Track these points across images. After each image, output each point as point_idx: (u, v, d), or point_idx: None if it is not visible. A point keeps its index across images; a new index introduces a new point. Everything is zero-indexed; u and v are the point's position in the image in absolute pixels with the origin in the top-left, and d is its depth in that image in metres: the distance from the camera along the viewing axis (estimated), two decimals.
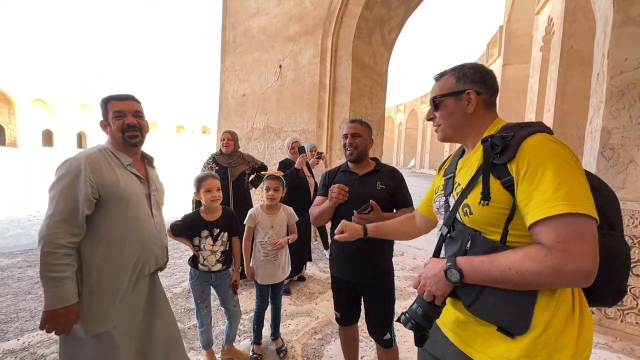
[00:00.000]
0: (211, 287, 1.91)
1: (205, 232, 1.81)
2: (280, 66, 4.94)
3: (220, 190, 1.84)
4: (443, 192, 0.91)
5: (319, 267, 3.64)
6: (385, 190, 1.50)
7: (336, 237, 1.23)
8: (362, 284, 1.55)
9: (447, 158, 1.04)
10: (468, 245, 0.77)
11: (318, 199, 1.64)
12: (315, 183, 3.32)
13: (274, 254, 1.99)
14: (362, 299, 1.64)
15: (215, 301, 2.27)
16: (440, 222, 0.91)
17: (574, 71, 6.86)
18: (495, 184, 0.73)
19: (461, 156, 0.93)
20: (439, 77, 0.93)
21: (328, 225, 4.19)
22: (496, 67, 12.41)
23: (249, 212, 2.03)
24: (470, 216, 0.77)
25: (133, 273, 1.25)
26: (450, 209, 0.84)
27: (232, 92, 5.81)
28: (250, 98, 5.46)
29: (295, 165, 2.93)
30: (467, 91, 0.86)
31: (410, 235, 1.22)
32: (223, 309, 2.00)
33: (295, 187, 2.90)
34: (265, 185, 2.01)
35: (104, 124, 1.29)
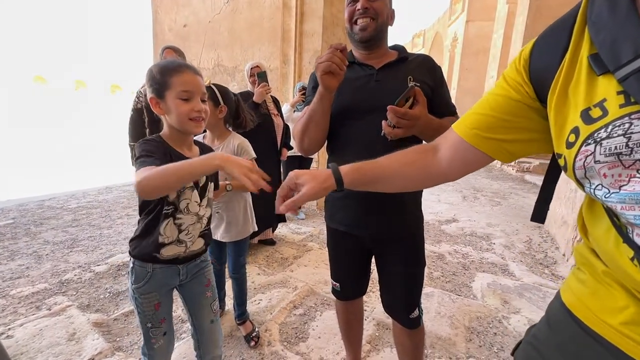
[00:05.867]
0: (175, 290, 1.02)
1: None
2: None
3: (207, 103, 0.93)
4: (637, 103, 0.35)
5: (290, 228, 3.08)
6: (420, 88, 0.92)
7: (283, 206, 0.60)
8: (379, 239, 1.00)
9: (555, 27, 0.46)
10: None
11: (304, 110, 1.01)
12: (286, 126, 2.63)
13: (215, 205, 1.38)
14: (371, 262, 1.13)
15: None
16: (635, 184, 0.36)
17: (541, 24, 6.74)
18: None
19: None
20: None
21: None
22: (460, 24, 12.16)
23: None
24: None
25: None
26: None
27: (169, 22, 4.58)
28: (194, 29, 4.33)
29: (254, 98, 2.19)
30: None
31: (423, 181, 0.64)
32: (191, 326, 1.06)
33: (255, 127, 2.18)
34: None
35: None
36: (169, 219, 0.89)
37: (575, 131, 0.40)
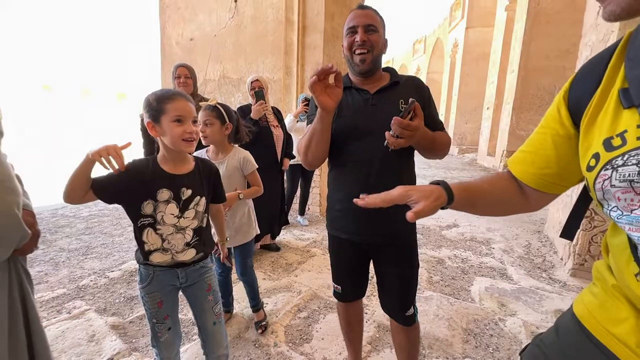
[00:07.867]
0: (180, 291, 1.13)
1: (165, 193, 1.00)
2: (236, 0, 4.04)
3: (197, 124, 1.06)
4: None
5: (294, 234, 3.18)
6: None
7: (409, 215, 0.57)
8: (377, 245, 1.10)
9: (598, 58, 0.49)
10: None
11: (308, 128, 1.12)
12: (287, 135, 2.74)
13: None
14: (369, 266, 1.22)
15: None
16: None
17: (539, 29, 6.85)
18: None
19: None
20: None
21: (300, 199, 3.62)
22: (460, 30, 12.30)
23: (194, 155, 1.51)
24: None
25: None
26: None
27: (176, 36, 4.77)
28: (200, 42, 4.51)
29: (251, 115, 2.32)
30: None
31: (513, 209, 0.65)
32: (197, 328, 1.19)
33: (254, 140, 2.26)
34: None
35: None
36: (147, 228, 1.00)
37: (596, 156, 0.45)
